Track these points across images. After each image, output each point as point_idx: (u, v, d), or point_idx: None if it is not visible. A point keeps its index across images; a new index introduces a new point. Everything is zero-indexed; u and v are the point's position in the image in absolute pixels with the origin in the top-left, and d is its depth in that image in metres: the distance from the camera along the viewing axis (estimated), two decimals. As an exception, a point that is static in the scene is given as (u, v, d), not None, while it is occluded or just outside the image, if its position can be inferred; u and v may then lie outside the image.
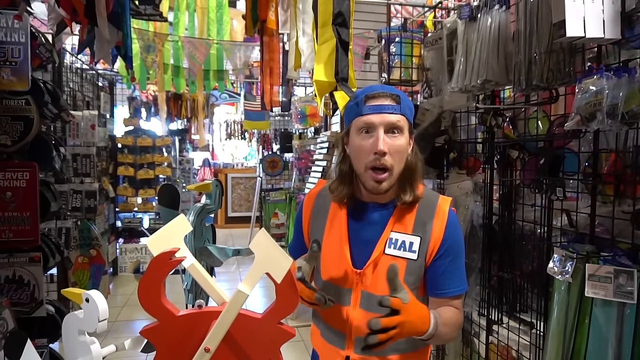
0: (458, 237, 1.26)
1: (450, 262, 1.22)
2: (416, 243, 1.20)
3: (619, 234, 1.66)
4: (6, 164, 2.45)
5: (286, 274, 0.85)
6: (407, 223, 1.22)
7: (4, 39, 2.37)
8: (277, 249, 0.87)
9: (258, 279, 0.87)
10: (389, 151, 1.16)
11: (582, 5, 1.53)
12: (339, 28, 1.12)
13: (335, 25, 1.12)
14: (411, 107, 1.24)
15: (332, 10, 1.12)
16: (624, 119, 1.45)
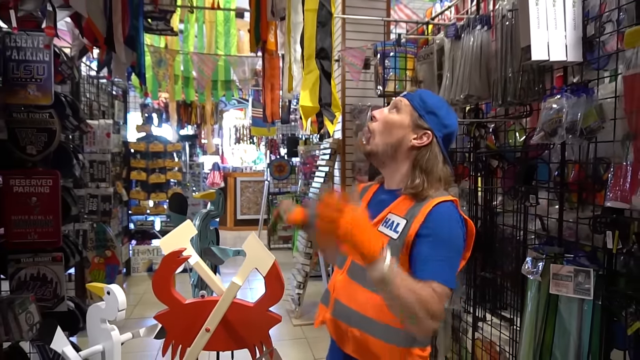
0: (441, 224, 1.19)
1: (430, 247, 1.16)
2: (401, 225, 1.21)
3: (586, 237, 1.83)
4: (32, 171, 2.68)
5: (271, 269, 1.04)
6: (403, 208, 1.25)
7: (31, 57, 2.60)
8: (263, 249, 1.07)
9: (248, 272, 1.06)
10: (378, 119, 1.32)
11: (546, 31, 1.71)
12: (322, 61, 1.31)
13: (318, 59, 1.31)
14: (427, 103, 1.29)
15: (315, 46, 1.31)
16: (582, 134, 1.63)
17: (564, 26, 1.71)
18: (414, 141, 1.28)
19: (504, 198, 2.26)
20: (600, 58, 1.68)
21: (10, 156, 2.65)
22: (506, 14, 2.00)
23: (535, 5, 1.69)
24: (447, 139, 1.32)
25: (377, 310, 1.19)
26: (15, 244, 2.65)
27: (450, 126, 1.31)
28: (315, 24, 1.31)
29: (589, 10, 1.73)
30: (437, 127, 1.28)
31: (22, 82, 2.60)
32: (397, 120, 1.29)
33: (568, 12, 1.71)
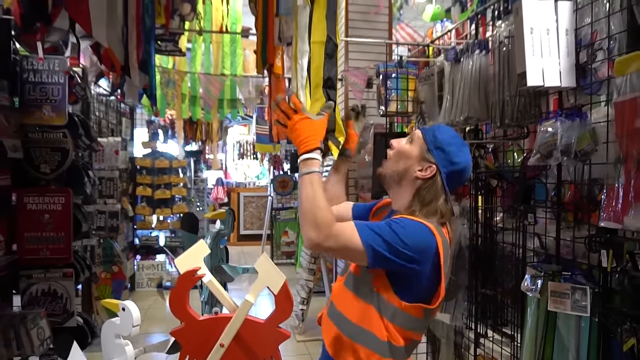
0: (393, 220, 1.29)
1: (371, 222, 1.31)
2: None
3: (582, 256, 1.89)
4: (45, 189, 2.77)
5: (281, 288, 1.11)
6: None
7: (46, 80, 2.71)
8: (275, 268, 1.14)
9: (260, 290, 1.13)
10: (394, 147, 1.44)
11: (541, 58, 1.79)
12: (329, 90, 1.40)
13: (325, 88, 1.39)
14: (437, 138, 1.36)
15: (322, 76, 1.40)
16: (577, 156, 1.70)
17: (557, 53, 1.80)
18: (418, 172, 1.36)
19: (504, 216, 2.33)
20: (593, 84, 1.76)
21: (24, 175, 2.74)
22: (503, 40, 2.09)
23: (530, 34, 1.78)
24: (454, 176, 1.36)
25: (360, 317, 1.30)
26: (28, 260, 2.72)
27: (458, 164, 1.36)
28: (322, 55, 1.40)
29: (581, 39, 1.82)
30: (442, 162, 1.35)
31: (37, 103, 2.71)
32: (407, 151, 1.40)
33: (561, 40, 1.80)
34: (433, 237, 1.27)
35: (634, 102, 1.46)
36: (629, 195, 1.45)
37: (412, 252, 1.22)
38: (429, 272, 1.28)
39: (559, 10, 1.80)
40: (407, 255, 1.22)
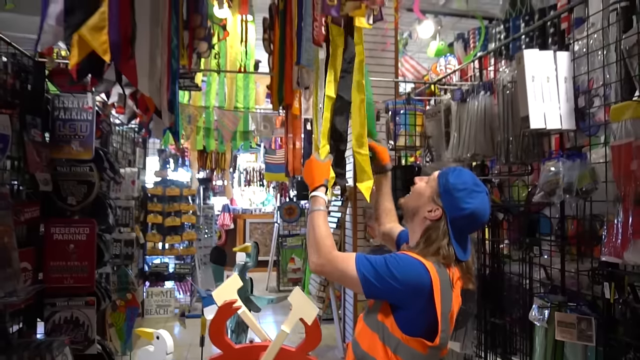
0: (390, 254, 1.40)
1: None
2: None
3: (587, 287, 2.00)
4: (71, 220, 2.90)
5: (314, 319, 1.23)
6: None
7: (76, 117, 2.87)
8: (308, 301, 1.26)
9: (295, 322, 1.25)
10: (416, 184, 1.54)
11: (542, 103, 1.95)
12: (335, 142, 1.56)
13: (332, 140, 1.55)
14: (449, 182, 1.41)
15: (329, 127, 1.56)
16: (578, 194, 1.83)
17: (557, 99, 1.96)
18: (427, 213, 1.43)
19: (510, 248, 2.44)
20: (591, 127, 1.91)
21: (52, 206, 2.88)
22: (506, 84, 2.25)
23: (531, 81, 1.94)
24: (461, 221, 1.40)
25: (368, 345, 1.40)
26: (52, 288, 2.83)
27: (466, 210, 1.38)
28: (330, 109, 1.57)
29: (579, 85, 1.97)
30: (449, 206, 1.40)
31: (66, 138, 2.87)
32: (421, 190, 1.48)
33: (561, 87, 1.96)
34: (427, 274, 1.33)
35: (629, 147, 1.60)
36: (627, 232, 1.57)
37: (400, 286, 1.31)
38: (424, 307, 1.33)
39: (558, 60, 1.97)
40: (395, 288, 1.31)
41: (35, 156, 2.67)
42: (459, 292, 1.42)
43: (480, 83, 2.53)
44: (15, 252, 2.43)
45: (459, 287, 1.42)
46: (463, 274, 1.42)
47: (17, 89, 2.62)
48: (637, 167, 1.56)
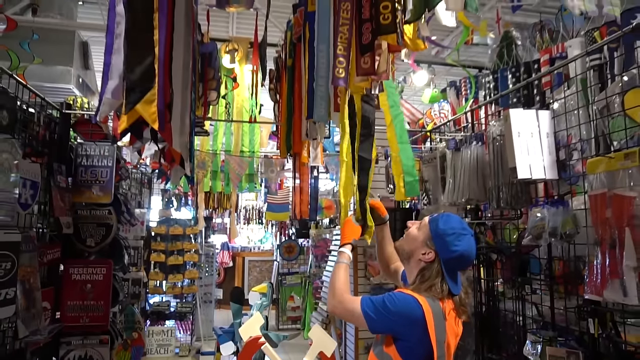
0: (388, 293, 1.59)
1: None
2: None
3: (575, 323, 2.17)
4: (88, 261, 3.06)
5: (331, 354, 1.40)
6: None
7: (97, 163, 3.08)
8: (327, 336, 1.43)
9: (315, 355, 1.42)
10: (410, 229, 1.74)
11: (528, 156, 2.18)
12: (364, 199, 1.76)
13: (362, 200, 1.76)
14: (439, 227, 1.61)
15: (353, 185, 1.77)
16: (562, 238, 2.04)
17: (541, 152, 2.19)
18: (422, 256, 1.64)
19: (504, 287, 2.62)
20: (571, 177, 2.14)
21: (71, 247, 3.04)
22: (496, 136, 2.49)
23: (517, 136, 2.18)
24: (453, 261, 1.59)
25: None
26: (68, 327, 2.95)
27: (456, 252, 1.57)
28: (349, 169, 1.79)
29: (559, 140, 2.22)
30: (441, 249, 1.59)
31: (88, 184, 3.07)
32: (415, 235, 1.70)
33: (543, 141, 2.20)
34: (419, 307, 1.50)
35: (603, 196, 1.82)
36: (605, 272, 1.77)
37: (395, 317, 1.51)
38: (420, 337, 1.50)
39: (540, 118, 2.22)
40: (392, 320, 1.52)
41: (60, 201, 2.86)
42: (454, 323, 1.59)
43: (473, 134, 2.78)
44: (38, 293, 2.58)
45: (453, 318, 1.59)
46: (457, 306, 1.61)
47: (47, 139, 2.84)
48: (611, 215, 1.77)
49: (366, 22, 1.41)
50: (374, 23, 1.33)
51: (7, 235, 2.21)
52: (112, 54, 1.45)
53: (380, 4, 1.30)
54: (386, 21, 1.28)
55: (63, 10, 4.97)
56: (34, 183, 2.53)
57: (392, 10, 1.28)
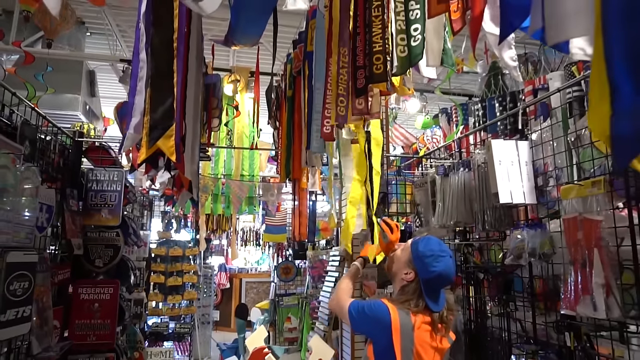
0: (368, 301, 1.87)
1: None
2: None
3: (556, 337, 2.33)
4: (96, 281, 3.20)
5: (330, 359, 1.56)
6: None
7: (106, 188, 3.26)
8: (325, 345, 1.59)
9: (315, 362, 1.57)
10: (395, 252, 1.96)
11: (509, 182, 2.38)
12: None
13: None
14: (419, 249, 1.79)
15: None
16: (540, 258, 2.22)
17: (520, 178, 2.39)
18: (404, 275, 1.83)
19: (491, 304, 2.78)
20: (548, 202, 2.33)
21: (80, 268, 3.18)
22: (480, 164, 2.69)
23: (499, 164, 2.38)
24: (431, 280, 1.76)
25: None
26: (76, 345, 3.07)
27: (434, 272, 1.74)
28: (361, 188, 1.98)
29: (537, 168, 2.42)
30: (421, 269, 1.77)
31: (97, 207, 3.23)
32: (398, 257, 1.91)
33: (523, 169, 2.40)
34: (388, 315, 1.71)
35: (575, 220, 2.01)
36: (578, 289, 1.94)
37: (368, 320, 1.76)
38: (388, 342, 1.68)
39: (519, 148, 2.43)
40: (365, 322, 1.78)
41: (72, 224, 3.02)
42: (430, 337, 1.74)
43: (460, 161, 2.98)
44: (50, 311, 2.72)
45: (428, 332, 1.74)
46: (434, 322, 1.76)
47: (61, 165, 3.02)
48: (582, 237, 1.96)
49: (360, 69, 1.61)
50: (367, 71, 1.54)
51: (26, 256, 2.37)
52: (135, 95, 1.65)
53: (373, 56, 1.50)
54: (378, 71, 1.48)
55: (72, 41, 5.21)
56: (50, 207, 2.70)
57: (383, 62, 1.48)
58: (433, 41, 1.55)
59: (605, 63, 0.72)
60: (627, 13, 0.70)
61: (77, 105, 5.02)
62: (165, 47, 1.60)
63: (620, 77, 0.70)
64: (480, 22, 1.23)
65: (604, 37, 0.72)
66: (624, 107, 0.69)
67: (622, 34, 0.70)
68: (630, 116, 0.68)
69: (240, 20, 1.65)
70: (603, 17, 0.73)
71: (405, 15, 1.47)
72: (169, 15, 1.65)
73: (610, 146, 0.73)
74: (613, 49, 0.70)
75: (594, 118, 0.76)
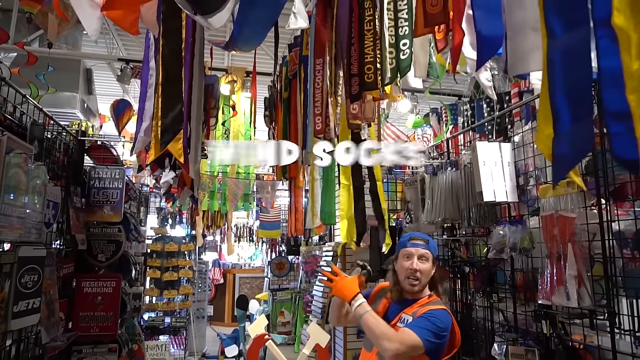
0: (428, 314, 1.84)
1: (415, 320, 1.85)
2: (409, 319, 1.90)
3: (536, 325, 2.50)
4: (99, 275, 3.32)
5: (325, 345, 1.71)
6: (412, 310, 1.97)
7: (108, 185, 3.37)
8: (322, 331, 1.74)
9: (312, 346, 1.72)
10: (419, 270, 1.97)
11: (492, 181, 2.54)
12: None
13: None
14: (435, 246, 2.01)
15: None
16: (521, 252, 2.39)
17: (503, 178, 2.55)
18: (434, 272, 1.98)
19: (476, 296, 2.95)
20: (529, 200, 2.50)
21: (84, 262, 3.30)
22: (467, 164, 2.85)
23: (483, 165, 2.54)
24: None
25: None
26: (80, 336, 3.19)
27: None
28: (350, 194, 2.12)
29: (519, 168, 2.58)
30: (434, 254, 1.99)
31: (99, 204, 3.35)
32: (430, 269, 1.97)
33: (505, 169, 2.57)
34: (450, 317, 1.87)
35: (551, 217, 2.18)
36: (553, 280, 2.11)
37: (444, 332, 1.82)
38: (449, 337, 1.86)
39: (502, 149, 2.59)
40: (442, 335, 1.81)
41: (76, 220, 3.14)
42: None
43: (448, 161, 3.14)
44: (57, 304, 2.84)
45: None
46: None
47: (65, 163, 3.14)
48: (558, 233, 2.13)
49: (355, 77, 1.75)
50: (360, 79, 1.68)
51: (35, 250, 2.49)
52: (145, 101, 1.78)
53: (364, 66, 1.65)
54: (370, 80, 1.63)
55: (69, 40, 5.28)
56: (56, 204, 2.81)
57: (374, 72, 1.63)
58: (419, 55, 1.70)
59: (549, 93, 0.86)
60: (566, 56, 0.85)
61: (75, 103, 5.10)
62: (175, 57, 1.73)
63: (561, 106, 0.84)
64: (459, 50, 1.38)
65: (548, 73, 0.87)
66: (563, 131, 0.84)
67: (562, 72, 0.84)
68: (568, 138, 0.83)
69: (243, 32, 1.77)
70: (548, 57, 0.88)
71: (395, 31, 1.62)
72: (177, 26, 1.78)
73: (551, 161, 0.87)
74: (556, 84, 0.85)
75: (540, 138, 0.91)
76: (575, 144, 0.84)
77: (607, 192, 1.98)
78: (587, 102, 0.84)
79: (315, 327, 1.73)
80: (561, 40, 0.86)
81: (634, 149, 0.84)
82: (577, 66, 0.83)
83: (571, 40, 0.84)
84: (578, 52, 0.82)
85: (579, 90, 0.83)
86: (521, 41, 1.06)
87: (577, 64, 0.83)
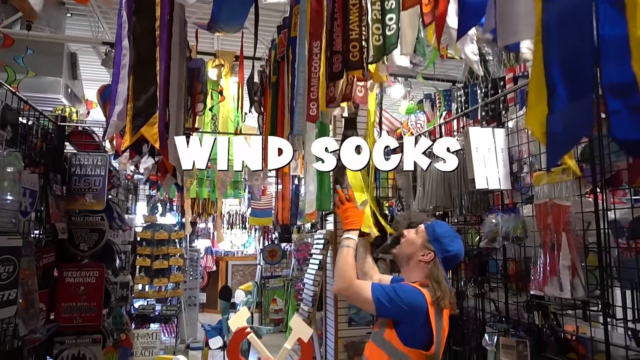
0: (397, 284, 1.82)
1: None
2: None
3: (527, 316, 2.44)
4: (82, 265, 3.23)
5: (308, 340, 1.63)
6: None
7: (90, 172, 3.27)
8: (305, 325, 1.66)
9: (294, 341, 1.65)
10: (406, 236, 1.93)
11: (485, 168, 2.46)
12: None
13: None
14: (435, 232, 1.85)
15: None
16: (513, 241, 2.31)
17: (496, 165, 2.47)
18: (421, 257, 1.87)
19: (467, 285, 2.89)
20: (522, 188, 2.42)
21: (65, 252, 3.21)
22: (459, 150, 2.76)
23: (476, 151, 2.46)
24: (449, 260, 1.84)
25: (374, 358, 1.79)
26: (62, 327, 3.11)
27: (451, 252, 1.83)
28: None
29: (512, 155, 2.50)
30: (439, 250, 1.83)
31: (81, 192, 3.25)
32: (413, 239, 1.91)
33: (499, 155, 2.48)
34: (424, 300, 1.74)
35: (545, 205, 2.11)
36: (546, 271, 2.05)
37: (403, 305, 1.72)
38: (422, 323, 1.72)
39: (496, 135, 2.50)
40: (401, 308, 1.72)
41: (56, 208, 3.03)
42: (447, 316, 1.82)
43: (440, 147, 3.05)
44: (36, 294, 2.75)
45: (447, 312, 1.81)
46: (452, 302, 1.81)
47: (43, 150, 3.02)
48: (552, 221, 2.06)
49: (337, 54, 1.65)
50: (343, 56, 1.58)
51: (10, 240, 2.39)
52: (118, 83, 1.67)
53: (350, 43, 1.54)
54: (355, 58, 1.53)
55: (52, 23, 5.11)
56: (33, 192, 2.71)
57: (359, 50, 1.53)
58: (407, 30, 1.60)
59: (544, 66, 0.77)
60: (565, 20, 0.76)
61: (59, 88, 4.95)
62: (147, 36, 1.62)
63: (557, 80, 0.75)
64: (444, 18, 1.28)
65: (543, 41, 0.78)
66: (559, 108, 0.75)
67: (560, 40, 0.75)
68: (564, 116, 0.74)
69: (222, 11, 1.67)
70: (543, 23, 0.79)
71: (381, 4, 1.51)
72: (150, 3, 1.66)
73: (545, 143, 0.79)
74: (552, 54, 0.76)
75: (531, 117, 0.82)
76: (573, 123, 0.75)
77: (604, 180, 1.90)
78: (588, 75, 0.74)
79: (297, 321, 1.66)
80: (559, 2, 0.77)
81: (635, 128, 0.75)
82: (577, 32, 0.74)
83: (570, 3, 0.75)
84: (578, 16, 0.73)
85: (579, 61, 0.74)
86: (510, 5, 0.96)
87: (578, 30, 0.74)
